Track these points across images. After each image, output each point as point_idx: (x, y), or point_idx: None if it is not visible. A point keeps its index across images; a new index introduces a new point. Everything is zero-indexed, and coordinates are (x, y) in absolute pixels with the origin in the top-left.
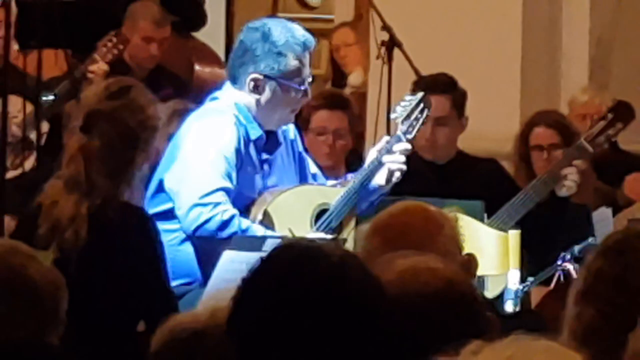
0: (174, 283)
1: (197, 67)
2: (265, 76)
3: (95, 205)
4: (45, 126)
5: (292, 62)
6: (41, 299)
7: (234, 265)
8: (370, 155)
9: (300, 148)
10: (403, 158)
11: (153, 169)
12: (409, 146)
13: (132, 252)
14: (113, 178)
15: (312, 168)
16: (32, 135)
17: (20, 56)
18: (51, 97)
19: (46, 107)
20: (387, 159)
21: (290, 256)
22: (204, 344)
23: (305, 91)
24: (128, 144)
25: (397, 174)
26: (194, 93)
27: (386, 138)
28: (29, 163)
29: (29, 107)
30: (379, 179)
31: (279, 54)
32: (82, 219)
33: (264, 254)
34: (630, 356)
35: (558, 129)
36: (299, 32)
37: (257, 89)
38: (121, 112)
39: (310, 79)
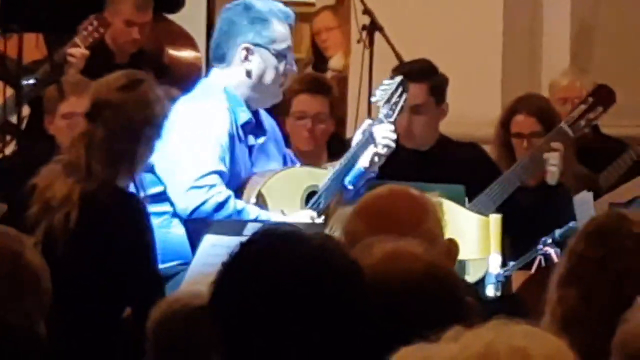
0: (165, 265)
1: (170, 51)
2: (256, 45)
3: (90, 191)
4: (26, 110)
5: (278, 28)
6: (37, 284)
7: (215, 249)
8: (356, 138)
9: (280, 136)
10: (394, 135)
11: None
12: (390, 127)
13: (122, 238)
14: (112, 167)
15: (291, 155)
16: (13, 120)
17: (1, 40)
18: (32, 81)
19: (27, 91)
20: (377, 134)
21: (270, 240)
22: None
23: (291, 65)
24: (130, 138)
25: (383, 151)
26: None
27: (369, 121)
28: (10, 147)
29: (9, 91)
30: (363, 162)
31: (265, 20)
32: (74, 202)
33: (244, 238)
34: (622, 339)
35: (539, 116)
36: (279, 4)
37: (247, 59)
38: (128, 106)
39: (294, 56)
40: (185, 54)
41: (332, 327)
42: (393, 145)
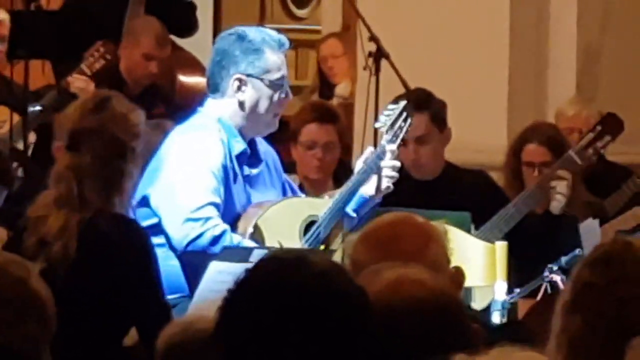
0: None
1: (181, 77)
2: (248, 75)
3: (87, 219)
4: (32, 136)
5: (272, 58)
6: (42, 310)
7: (221, 276)
8: (357, 166)
9: (279, 166)
10: (398, 164)
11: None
12: (395, 163)
13: (125, 264)
14: (106, 191)
15: (292, 183)
16: (20, 146)
17: (8, 66)
18: (38, 108)
19: (33, 117)
20: (384, 164)
21: (276, 267)
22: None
23: (286, 94)
24: (118, 155)
25: (389, 183)
26: (181, 105)
27: (371, 149)
28: (17, 173)
29: (16, 118)
30: (369, 189)
31: (258, 50)
32: (71, 233)
33: (250, 265)
34: None
35: (550, 146)
36: (273, 32)
37: (240, 89)
38: (107, 125)
39: (290, 83)
40: (196, 80)
41: (339, 353)
42: (396, 174)
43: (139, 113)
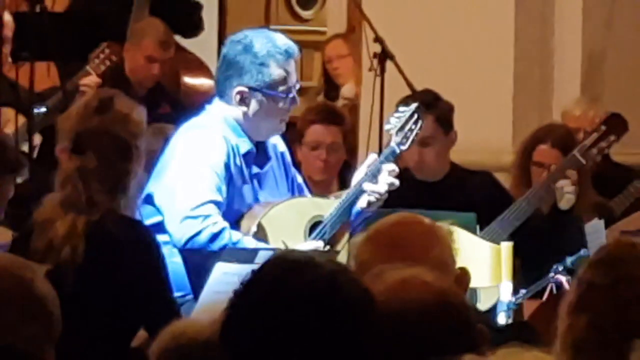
0: None
1: (185, 78)
2: (250, 88)
3: (94, 221)
4: (37, 138)
5: (276, 72)
6: (47, 311)
7: (226, 277)
8: (359, 173)
9: (289, 160)
10: (385, 187)
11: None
12: (394, 168)
13: (133, 265)
14: (112, 192)
15: (299, 179)
16: (25, 147)
17: (13, 68)
18: (43, 110)
19: (38, 119)
20: (369, 188)
21: (282, 268)
22: (208, 356)
23: (293, 99)
24: (124, 156)
25: (378, 203)
26: (186, 105)
27: (373, 156)
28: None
29: (21, 120)
30: (361, 202)
31: (262, 64)
32: (79, 236)
33: (256, 266)
34: None
35: (563, 148)
36: (281, 40)
37: (243, 101)
38: (111, 126)
39: (298, 86)
40: (201, 81)
41: (344, 354)
42: (384, 196)
43: (141, 110)
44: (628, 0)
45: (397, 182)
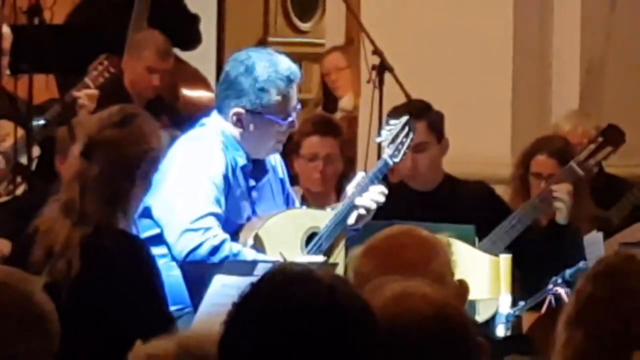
0: None
1: (184, 91)
2: (248, 111)
3: (89, 234)
4: (36, 151)
5: (275, 98)
6: (46, 325)
7: (225, 289)
8: (348, 190)
9: (281, 174)
10: (374, 205)
11: None
12: (383, 189)
13: (128, 280)
14: (108, 206)
15: (290, 190)
16: (24, 160)
17: (11, 81)
18: (42, 122)
19: (37, 131)
20: (359, 202)
21: (281, 281)
22: None
23: (292, 122)
24: (126, 174)
25: (367, 217)
26: (185, 118)
27: (361, 174)
28: (21, 188)
29: (20, 132)
30: (350, 219)
31: (262, 89)
32: (75, 248)
33: (255, 279)
34: None
35: (560, 159)
36: (284, 64)
37: (240, 122)
38: (123, 141)
39: (299, 107)
40: (199, 94)
41: None
42: (373, 211)
43: (162, 136)
44: (627, 10)
45: (384, 189)
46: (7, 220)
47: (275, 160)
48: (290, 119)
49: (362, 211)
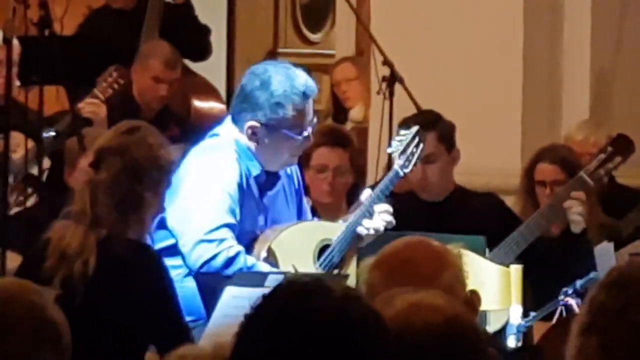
0: None
1: (195, 102)
2: (263, 125)
3: (103, 238)
4: (46, 162)
5: (291, 113)
6: (58, 338)
7: (236, 301)
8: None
9: (296, 184)
10: (380, 224)
11: None
12: (388, 208)
13: (141, 290)
14: (119, 212)
15: (305, 204)
16: (34, 171)
17: (22, 92)
18: (52, 133)
19: (47, 143)
20: (368, 224)
21: (292, 292)
22: None
23: (307, 137)
24: (134, 178)
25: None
26: (196, 128)
27: (369, 191)
28: (31, 199)
29: (30, 143)
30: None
31: (277, 104)
32: (90, 249)
33: (266, 290)
34: None
35: (562, 165)
36: (300, 80)
37: (255, 135)
38: (130, 146)
39: (315, 121)
40: (211, 105)
41: None
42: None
43: (169, 150)
44: (637, 20)
45: (389, 208)
46: (18, 232)
47: (292, 170)
48: (305, 133)
49: (372, 232)
